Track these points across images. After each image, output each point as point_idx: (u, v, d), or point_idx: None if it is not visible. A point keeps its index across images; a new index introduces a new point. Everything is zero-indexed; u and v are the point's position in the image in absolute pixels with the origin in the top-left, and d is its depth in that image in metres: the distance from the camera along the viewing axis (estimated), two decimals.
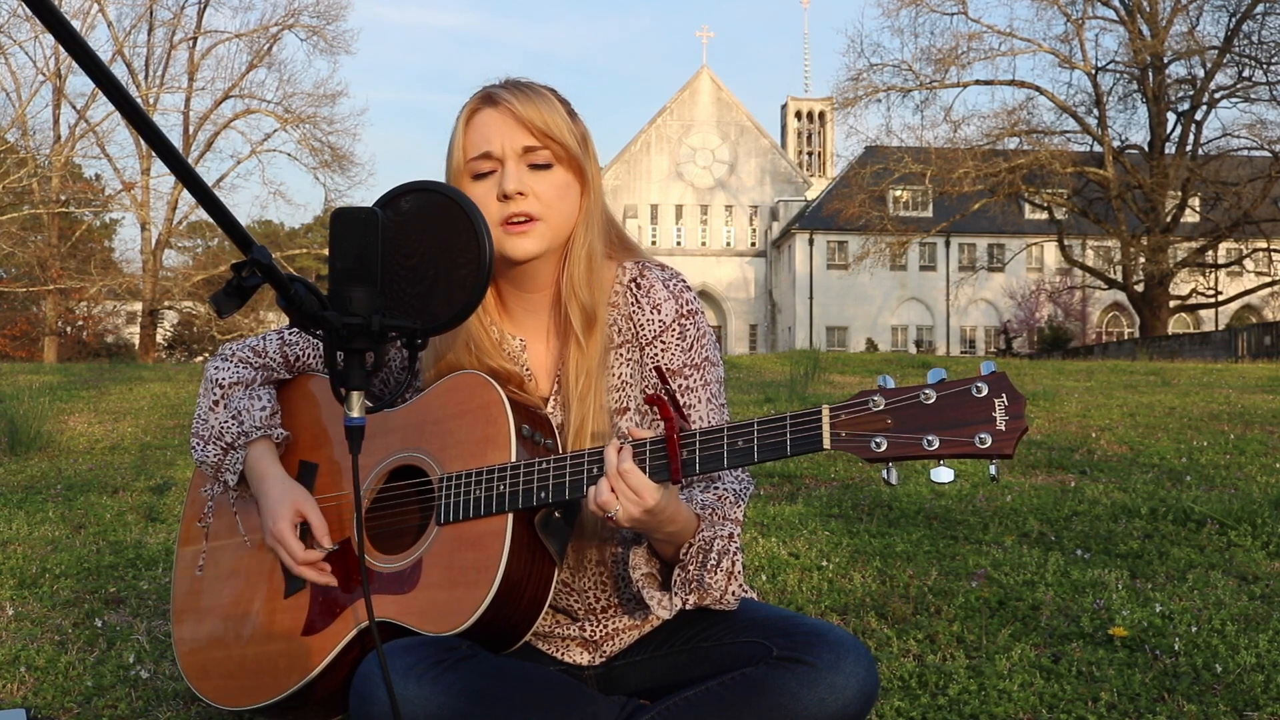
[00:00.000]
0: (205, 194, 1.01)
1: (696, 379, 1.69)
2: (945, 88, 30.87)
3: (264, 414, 1.72)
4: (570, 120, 1.64)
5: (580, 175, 1.64)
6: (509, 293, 1.70)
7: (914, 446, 1.31)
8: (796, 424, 1.37)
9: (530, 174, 1.60)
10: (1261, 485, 4.79)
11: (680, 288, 1.71)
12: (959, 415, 1.30)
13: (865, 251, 32.76)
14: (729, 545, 1.53)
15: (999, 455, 1.28)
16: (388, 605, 1.54)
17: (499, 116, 1.61)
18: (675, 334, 1.68)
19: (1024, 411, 1.29)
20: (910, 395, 1.33)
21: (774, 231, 50.02)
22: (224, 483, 1.74)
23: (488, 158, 1.60)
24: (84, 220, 35.98)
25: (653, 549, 1.55)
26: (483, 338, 1.66)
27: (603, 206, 1.68)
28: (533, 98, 1.62)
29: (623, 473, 1.42)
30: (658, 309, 1.68)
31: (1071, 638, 2.62)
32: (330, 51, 43.98)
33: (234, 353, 1.79)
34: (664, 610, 1.52)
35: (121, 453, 6.32)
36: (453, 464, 1.57)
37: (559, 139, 1.61)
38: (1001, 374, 1.31)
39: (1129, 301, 32.64)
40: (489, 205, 1.60)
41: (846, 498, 4.54)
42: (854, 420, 1.35)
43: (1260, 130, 29.50)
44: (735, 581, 1.53)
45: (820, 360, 13.70)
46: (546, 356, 1.71)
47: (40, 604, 3.05)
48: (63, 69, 30.77)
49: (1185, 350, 24.50)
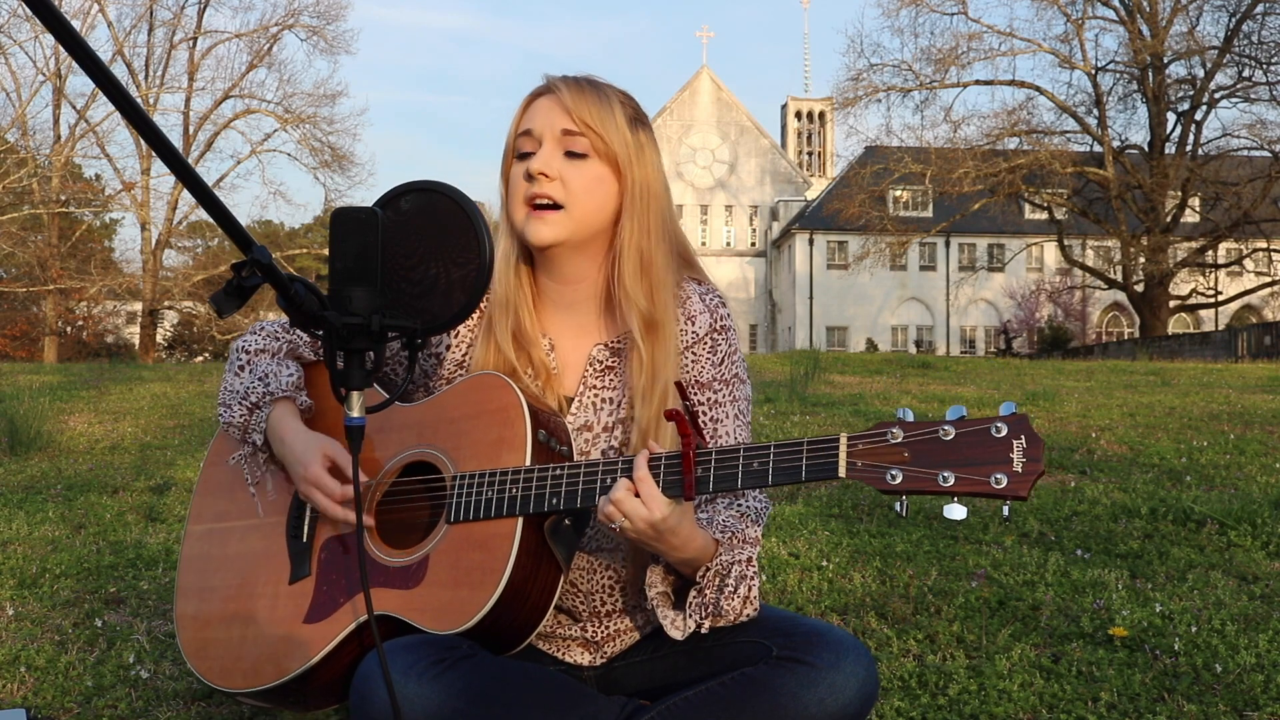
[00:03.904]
0: (205, 194, 1.01)
1: (725, 395, 1.69)
2: (945, 88, 30.91)
3: (291, 379, 1.71)
4: (627, 124, 1.64)
5: (617, 172, 1.64)
6: (543, 284, 1.70)
7: (929, 482, 1.32)
8: (814, 451, 1.37)
9: (565, 161, 1.61)
10: (1261, 485, 4.79)
11: (715, 303, 1.72)
12: (976, 454, 1.30)
13: (865, 251, 32.77)
14: (746, 570, 1.53)
15: (1014, 497, 1.28)
16: (391, 599, 1.54)
17: (548, 101, 1.63)
18: (707, 347, 1.69)
19: (1042, 455, 1.29)
20: (929, 431, 1.33)
21: (774, 231, 50.04)
22: (252, 443, 1.71)
23: (529, 135, 1.62)
24: (84, 220, 36.01)
25: (670, 567, 1.55)
26: (530, 327, 1.66)
27: (664, 216, 1.67)
28: (587, 90, 1.63)
29: (636, 480, 1.42)
30: (692, 320, 1.68)
31: (1071, 638, 2.62)
32: (330, 51, 44.11)
33: (263, 328, 1.79)
34: (677, 632, 1.52)
35: (121, 453, 6.32)
36: (467, 463, 1.57)
37: (599, 132, 1.61)
38: (1022, 416, 1.31)
39: (1129, 301, 32.66)
40: (520, 184, 1.62)
41: (846, 498, 4.55)
42: (871, 451, 1.35)
43: (1260, 130, 29.55)
44: (750, 606, 1.53)
45: (820, 360, 13.69)
46: (576, 354, 1.70)
47: (40, 604, 3.05)
48: (63, 69, 30.78)
49: (1185, 350, 24.51)
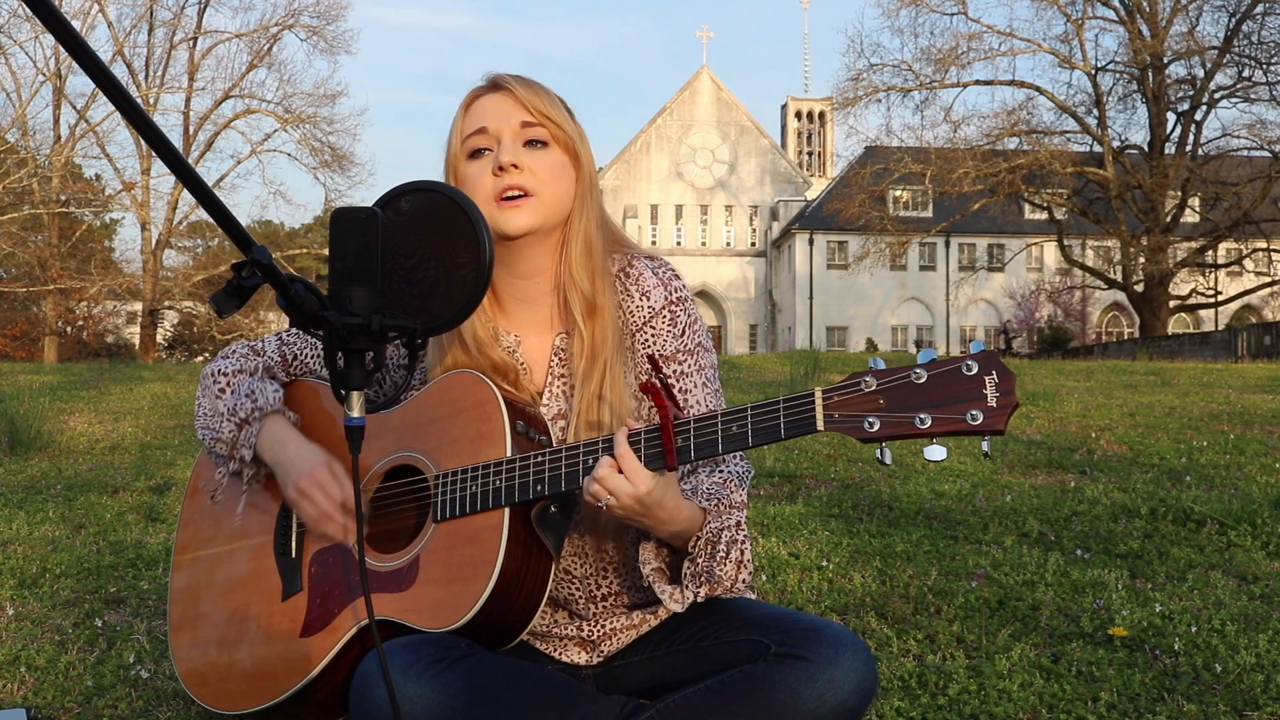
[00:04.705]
0: (205, 194, 1.01)
1: (691, 364, 1.70)
2: (945, 88, 30.89)
3: (278, 395, 1.71)
4: (569, 114, 1.69)
5: (575, 160, 1.67)
6: (504, 282, 1.70)
7: (906, 425, 1.33)
8: (790, 407, 1.38)
9: (526, 151, 1.63)
10: (1261, 485, 4.79)
11: (669, 275, 1.73)
12: (950, 393, 1.32)
13: (865, 251, 32.77)
14: (736, 535, 1.54)
15: (991, 431, 1.30)
16: (386, 603, 1.54)
17: (498, 98, 1.64)
18: (665, 320, 1.70)
19: (1014, 388, 1.30)
20: (901, 375, 1.35)
21: (774, 231, 50.02)
22: (240, 458, 1.70)
23: (483, 133, 1.63)
24: (84, 220, 35.99)
25: (662, 542, 1.56)
26: (481, 332, 1.66)
27: (600, 201, 1.71)
28: (533, 84, 1.67)
29: (618, 456, 1.43)
30: (646, 295, 1.70)
31: (1071, 638, 2.62)
32: (330, 51, 44.10)
33: (234, 351, 1.80)
34: (675, 604, 1.52)
35: (121, 453, 6.32)
36: (448, 462, 1.57)
37: (556, 121, 1.64)
38: (991, 352, 1.32)
39: (1129, 301, 32.65)
40: (483, 182, 1.62)
41: (846, 498, 4.54)
42: (846, 401, 1.36)
43: (1260, 130, 29.53)
44: (745, 570, 1.53)
45: (820, 360, 13.69)
46: (541, 348, 1.71)
47: (40, 604, 3.05)
48: (63, 69, 30.77)
49: (1185, 350, 24.50)
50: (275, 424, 1.69)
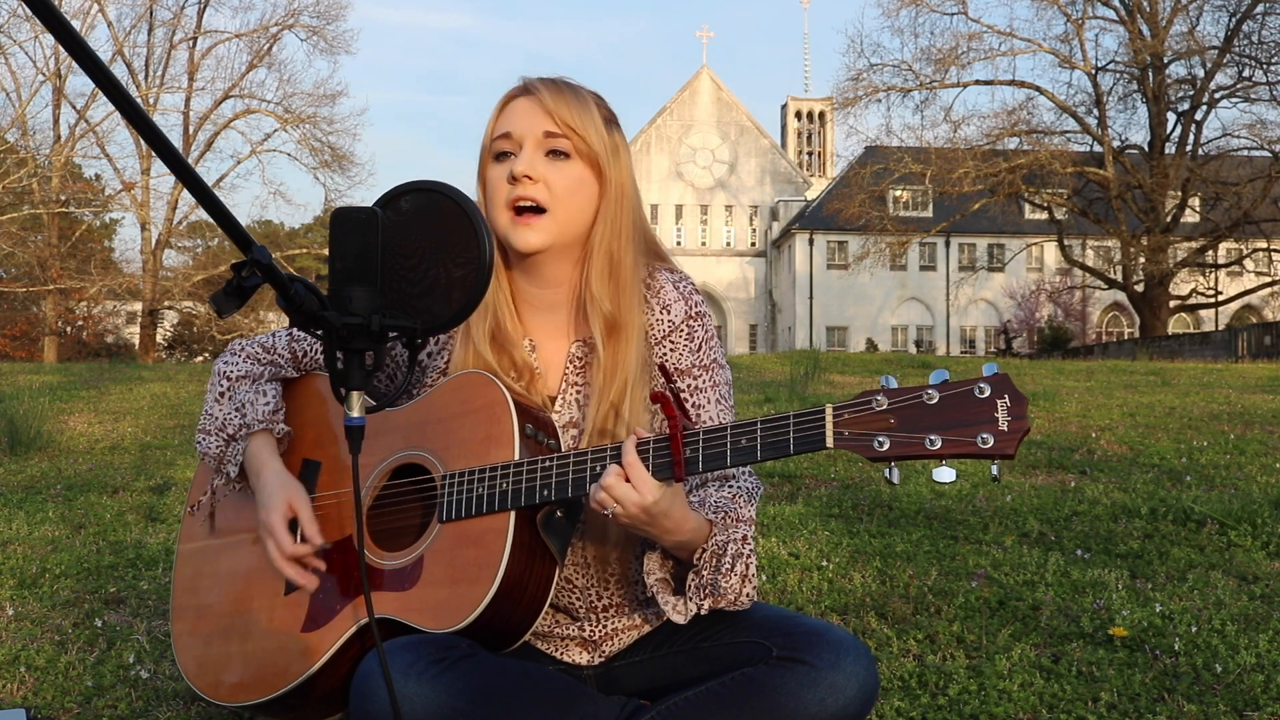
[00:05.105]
0: (205, 194, 1.01)
1: (706, 380, 1.69)
2: (945, 88, 30.89)
3: (268, 409, 1.72)
4: (603, 125, 1.65)
5: (599, 175, 1.64)
6: (522, 288, 1.70)
7: (916, 446, 1.32)
8: (800, 423, 1.37)
9: (546, 162, 1.61)
10: (1261, 485, 4.79)
11: (689, 289, 1.72)
12: (961, 416, 1.31)
13: (865, 251, 32.76)
14: (742, 548, 1.53)
15: (1001, 456, 1.29)
16: (388, 602, 1.54)
17: (527, 103, 1.63)
18: (684, 335, 1.69)
19: (1026, 412, 1.30)
20: (913, 395, 1.34)
21: (774, 231, 50.03)
22: (226, 474, 1.74)
23: (508, 138, 1.62)
24: (84, 220, 35.99)
25: (667, 552, 1.55)
26: (511, 328, 1.66)
27: (634, 216, 1.68)
28: (565, 93, 1.64)
29: (625, 465, 1.42)
30: (667, 309, 1.69)
31: (1071, 638, 2.62)
32: (330, 51, 44.11)
33: (243, 348, 1.80)
34: (679, 616, 1.52)
35: (121, 453, 6.32)
36: (456, 462, 1.57)
37: (580, 133, 1.62)
38: (1004, 375, 1.32)
39: (1129, 301, 32.65)
40: (500, 186, 1.62)
41: (846, 498, 4.54)
42: (857, 419, 1.35)
43: (1260, 130, 29.53)
44: (749, 584, 1.53)
45: (820, 360, 13.70)
46: (556, 354, 1.70)
47: (40, 604, 3.04)
48: (63, 69, 30.76)
49: (1185, 350, 24.50)
50: (258, 445, 1.71)
